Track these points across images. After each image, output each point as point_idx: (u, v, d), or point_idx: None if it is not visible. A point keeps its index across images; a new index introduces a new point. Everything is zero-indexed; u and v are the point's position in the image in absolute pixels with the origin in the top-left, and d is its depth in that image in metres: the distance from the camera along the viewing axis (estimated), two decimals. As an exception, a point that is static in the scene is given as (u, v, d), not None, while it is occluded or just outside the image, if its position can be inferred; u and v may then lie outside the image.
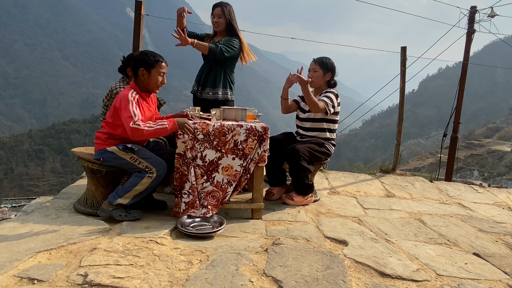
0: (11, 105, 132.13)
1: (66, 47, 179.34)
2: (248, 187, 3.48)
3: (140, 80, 2.64)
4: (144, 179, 2.57)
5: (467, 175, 49.11)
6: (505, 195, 4.48)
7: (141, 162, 2.58)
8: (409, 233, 2.85)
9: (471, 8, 6.78)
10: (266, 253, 2.22)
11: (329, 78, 3.44)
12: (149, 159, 2.60)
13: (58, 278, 1.81)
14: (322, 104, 3.22)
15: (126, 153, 2.57)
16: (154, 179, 2.58)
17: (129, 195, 2.58)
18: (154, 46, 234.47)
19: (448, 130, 6.82)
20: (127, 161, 2.59)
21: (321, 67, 3.40)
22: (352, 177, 4.65)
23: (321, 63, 3.41)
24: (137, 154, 2.58)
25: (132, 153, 2.57)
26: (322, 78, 3.40)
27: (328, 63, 3.41)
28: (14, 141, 61.52)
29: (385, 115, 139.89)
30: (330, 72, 3.42)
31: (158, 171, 2.58)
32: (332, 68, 3.43)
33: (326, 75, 3.41)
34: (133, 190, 2.58)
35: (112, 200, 2.60)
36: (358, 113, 11.10)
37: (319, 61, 3.43)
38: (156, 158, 2.63)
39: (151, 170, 2.58)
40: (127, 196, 2.58)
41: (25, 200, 5.40)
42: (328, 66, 3.41)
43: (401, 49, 5.24)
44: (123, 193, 2.59)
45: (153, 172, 2.57)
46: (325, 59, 3.44)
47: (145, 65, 2.60)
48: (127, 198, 2.59)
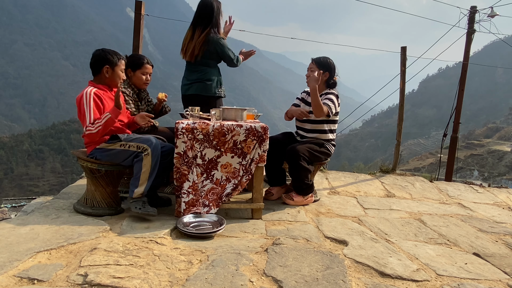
0: (11, 105, 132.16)
1: (66, 47, 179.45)
2: (248, 187, 3.48)
3: (101, 78, 2.76)
4: (144, 160, 2.61)
5: (467, 175, 49.13)
6: (505, 195, 4.48)
7: (131, 145, 2.65)
8: (409, 233, 2.85)
9: (471, 8, 6.78)
10: (266, 253, 2.22)
11: (327, 78, 3.40)
12: (136, 139, 2.68)
13: (58, 278, 1.81)
14: (326, 108, 3.21)
15: (114, 143, 2.66)
16: (152, 155, 2.62)
17: (142, 181, 2.63)
18: (154, 46, 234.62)
19: (448, 130, 6.83)
20: (119, 149, 2.66)
21: (318, 66, 3.37)
22: (352, 177, 4.65)
23: (318, 62, 3.39)
24: (125, 140, 2.67)
25: (119, 141, 2.66)
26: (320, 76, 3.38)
27: (325, 62, 3.38)
28: (14, 141, 61.51)
29: (385, 115, 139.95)
30: (328, 71, 3.38)
31: (151, 146, 2.62)
32: (329, 67, 3.39)
33: (324, 74, 3.37)
34: (142, 175, 2.62)
35: (131, 193, 2.65)
36: (358, 113, 11.10)
37: (316, 60, 3.42)
38: (142, 137, 2.70)
39: (144, 148, 2.62)
40: (141, 183, 2.63)
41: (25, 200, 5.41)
42: (325, 65, 3.37)
43: (401, 49, 5.23)
44: (136, 182, 2.63)
45: (147, 149, 2.61)
46: (322, 58, 3.42)
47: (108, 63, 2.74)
48: (142, 184, 2.63)
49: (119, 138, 2.67)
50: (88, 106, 2.58)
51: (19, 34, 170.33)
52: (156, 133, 3.22)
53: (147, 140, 2.65)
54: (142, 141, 2.65)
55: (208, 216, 2.70)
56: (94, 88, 2.67)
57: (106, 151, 2.67)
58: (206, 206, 2.75)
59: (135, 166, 2.65)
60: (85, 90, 2.66)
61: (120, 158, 2.68)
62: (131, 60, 3.10)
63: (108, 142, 2.68)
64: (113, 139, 2.68)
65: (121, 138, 2.67)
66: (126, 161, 2.70)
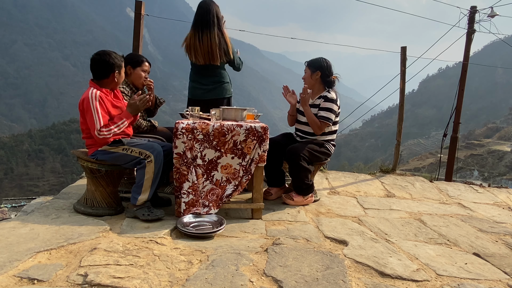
0: (11, 105, 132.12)
1: (66, 47, 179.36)
2: (248, 187, 3.48)
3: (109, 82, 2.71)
4: (147, 167, 2.60)
5: (467, 175, 49.13)
6: (505, 195, 4.48)
7: (133, 150, 2.63)
8: (409, 233, 2.85)
9: (471, 8, 6.78)
10: (266, 253, 2.22)
11: (319, 76, 3.35)
12: (140, 145, 2.67)
13: (58, 278, 1.81)
14: (323, 126, 3.27)
15: (116, 146, 2.64)
16: (155, 162, 2.61)
17: (145, 188, 2.63)
18: (154, 46, 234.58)
19: (448, 130, 6.83)
20: (121, 153, 2.63)
21: (308, 67, 3.39)
22: (352, 177, 4.65)
23: (308, 64, 3.41)
24: (127, 144, 2.65)
25: (122, 145, 2.64)
26: (310, 77, 3.37)
27: (315, 61, 3.36)
28: (14, 141, 61.49)
29: (385, 115, 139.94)
30: (318, 70, 3.34)
31: (153, 153, 2.62)
32: (319, 65, 3.35)
33: (314, 74, 3.35)
34: (145, 182, 2.61)
35: (134, 201, 2.64)
36: (358, 113, 11.10)
37: (307, 62, 3.44)
38: (146, 143, 2.70)
39: (146, 155, 2.61)
40: (144, 190, 2.63)
41: (25, 200, 5.40)
42: (315, 64, 3.35)
43: (401, 49, 5.23)
44: (139, 190, 2.63)
45: (150, 156, 2.61)
46: (314, 58, 3.41)
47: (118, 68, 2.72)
48: (145, 192, 2.63)
49: (122, 142, 2.65)
50: (95, 109, 2.55)
51: (19, 34, 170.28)
52: (155, 133, 3.22)
53: (150, 147, 2.64)
54: (145, 147, 2.64)
55: (208, 216, 2.70)
56: (98, 91, 2.63)
57: (108, 153, 2.65)
58: (206, 206, 2.75)
59: (138, 173, 2.64)
60: (89, 92, 2.60)
61: (121, 161, 2.67)
62: (130, 57, 3.11)
63: (111, 145, 2.65)
64: (116, 143, 2.65)
65: (124, 143, 2.65)
66: (127, 165, 2.69)
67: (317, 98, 3.37)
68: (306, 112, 3.29)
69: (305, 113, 3.31)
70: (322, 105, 3.29)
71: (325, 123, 3.26)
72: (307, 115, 3.29)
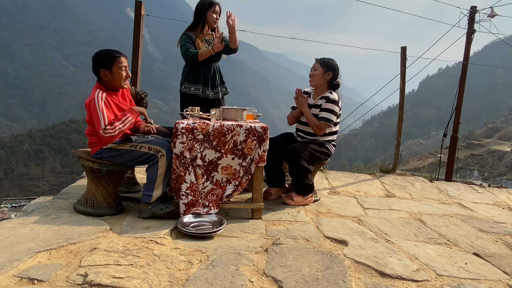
0: (11, 105, 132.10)
1: (66, 47, 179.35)
2: (248, 187, 3.48)
3: (104, 81, 2.67)
4: (160, 162, 2.60)
5: (467, 175, 49.14)
6: (505, 195, 4.48)
7: (142, 146, 2.62)
8: (409, 233, 2.85)
9: (471, 8, 6.78)
10: (266, 253, 2.22)
11: (330, 77, 3.38)
12: (149, 141, 2.67)
13: (58, 278, 1.81)
14: (324, 127, 3.28)
15: (124, 144, 2.63)
16: (167, 156, 2.61)
17: (158, 183, 2.63)
18: (154, 46, 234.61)
19: (448, 130, 6.83)
20: (128, 149, 2.62)
21: (321, 65, 3.36)
22: (352, 177, 4.65)
23: (321, 62, 3.38)
24: (136, 142, 2.65)
25: (130, 142, 2.64)
26: (321, 76, 3.36)
27: (329, 62, 3.37)
28: (14, 141, 61.49)
29: (385, 115, 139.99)
30: (331, 71, 3.35)
31: (164, 148, 2.62)
32: (333, 67, 3.36)
33: (326, 73, 3.35)
34: (158, 177, 2.61)
35: (148, 199, 2.64)
36: (358, 113, 11.09)
37: (320, 59, 3.41)
38: (154, 140, 2.70)
39: (158, 150, 2.61)
40: (157, 185, 2.63)
41: (25, 200, 5.41)
42: (329, 65, 3.36)
43: (401, 49, 5.24)
44: (152, 186, 2.62)
45: (161, 150, 2.60)
46: (327, 58, 3.42)
47: (104, 66, 2.62)
48: (158, 187, 2.63)
49: (130, 139, 2.64)
50: (100, 108, 2.53)
51: (19, 34, 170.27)
52: (155, 133, 3.21)
53: (160, 143, 2.65)
54: (155, 143, 2.64)
55: (208, 216, 2.70)
56: (104, 93, 2.62)
57: (114, 151, 2.64)
58: (206, 206, 2.75)
59: (150, 170, 2.63)
60: (95, 93, 2.58)
61: (129, 158, 2.65)
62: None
63: (117, 142, 2.63)
64: (124, 141, 2.64)
65: (132, 140, 2.65)
66: (135, 162, 2.68)
67: (319, 99, 3.37)
68: (306, 114, 3.31)
69: (304, 115, 3.33)
70: (324, 105, 3.29)
71: (326, 124, 3.26)
72: (307, 117, 3.31)
